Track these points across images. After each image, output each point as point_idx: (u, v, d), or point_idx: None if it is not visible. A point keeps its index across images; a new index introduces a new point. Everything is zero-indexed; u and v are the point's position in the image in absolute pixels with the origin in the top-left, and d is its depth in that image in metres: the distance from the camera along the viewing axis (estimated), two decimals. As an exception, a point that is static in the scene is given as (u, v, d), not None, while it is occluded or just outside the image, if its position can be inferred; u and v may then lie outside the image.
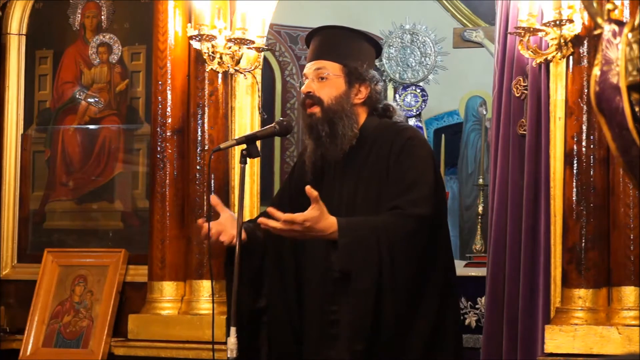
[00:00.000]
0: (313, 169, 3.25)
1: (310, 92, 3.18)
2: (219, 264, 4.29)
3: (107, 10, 4.87)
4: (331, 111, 3.16)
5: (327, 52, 3.23)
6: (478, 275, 5.09)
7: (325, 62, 3.20)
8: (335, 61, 3.20)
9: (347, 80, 3.20)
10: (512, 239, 4.03)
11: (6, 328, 4.79)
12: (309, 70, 3.22)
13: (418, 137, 3.24)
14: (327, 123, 3.15)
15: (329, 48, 3.24)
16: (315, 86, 3.18)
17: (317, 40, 3.29)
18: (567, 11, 3.68)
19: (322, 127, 3.15)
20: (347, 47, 3.25)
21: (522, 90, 4.07)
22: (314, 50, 3.26)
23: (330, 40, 3.26)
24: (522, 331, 3.95)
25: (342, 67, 3.20)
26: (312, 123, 3.17)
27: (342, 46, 3.25)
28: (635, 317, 3.58)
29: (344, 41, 3.27)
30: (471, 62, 7.86)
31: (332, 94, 3.18)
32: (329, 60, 3.20)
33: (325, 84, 3.18)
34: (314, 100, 3.18)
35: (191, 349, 4.22)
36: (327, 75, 3.18)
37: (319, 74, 3.19)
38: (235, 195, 4.33)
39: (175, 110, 4.40)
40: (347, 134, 3.16)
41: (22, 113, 4.99)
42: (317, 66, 3.20)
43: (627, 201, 3.61)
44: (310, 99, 3.18)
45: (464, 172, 8.08)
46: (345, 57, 3.22)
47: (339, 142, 3.15)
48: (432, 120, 8.51)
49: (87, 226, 4.81)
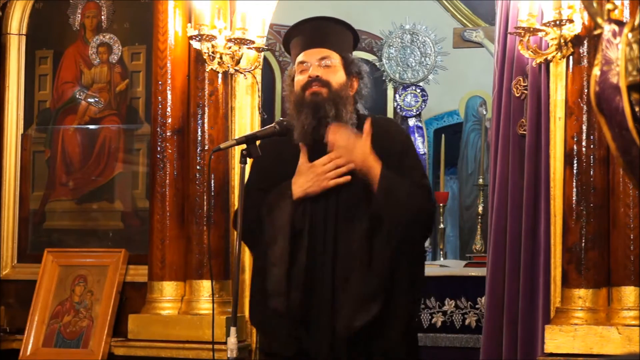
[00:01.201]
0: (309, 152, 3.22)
1: (318, 75, 3.16)
2: (219, 264, 4.31)
3: (107, 10, 4.87)
4: (338, 95, 3.15)
5: (328, 41, 3.22)
6: (478, 275, 5.10)
7: (329, 51, 3.20)
8: (335, 51, 3.21)
9: (346, 72, 3.21)
10: (512, 239, 4.03)
11: (6, 328, 4.79)
12: (310, 58, 3.19)
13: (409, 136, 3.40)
14: (334, 105, 3.14)
15: (328, 37, 3.24)
16: (322, 71, 3.17)
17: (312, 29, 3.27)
18: (567, 11, 3.68)
19: (330, 107, 3.13)
20: (341, 38, 3.27)
21: (522, 90, 4.07)
22: (313, 38, 3.23)
23: (326, 30, 3.26)
24: (522, 331, 3.95)
25: (341, 58, 3.22)
26: (319, 102, 3.13)
27: (339, 37, 3.26)
28: (635, 317, 3.58)
29: (338, 33, 3.28)
30: (471, 62, 7.87)
31: (338, 80, 3.18)
32: (330, 49, 3.21)
33: (331, 70, 3.18)
34: (321, 82, 3.16)
35: (191, 349, 4.22)
36: (332, 63, 3.19)
37: (324, 62, 3.18)
38: (235, 195, 4.33)
39: (175, 110, 4.40)
40: (348, 122, 3.16)
41: (22, 113, 4.99)
42: (322, 55, 3.19)
43: (627, 201, 3.61)
44: (319, 81, 3.16)
45: (464, 172, 8.09)
46: (342, 48, 3.24)
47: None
48: (432, 120, 8.51)
49: (87, 226, 4.81)
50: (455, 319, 5.24)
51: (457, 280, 5.29)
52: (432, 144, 8.26)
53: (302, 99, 3.17)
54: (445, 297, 5.26)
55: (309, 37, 3.25)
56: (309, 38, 3.25)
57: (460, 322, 5.23)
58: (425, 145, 7.61)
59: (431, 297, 5.27)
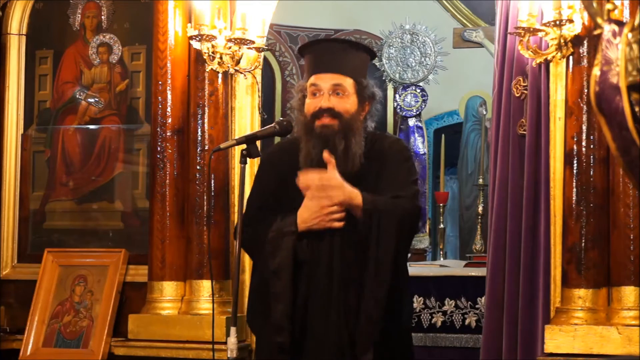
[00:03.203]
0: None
1: (331, 107, 3.13)
2: (219, 264, 4.31)
3: (107, 10, 4.87)
4: (348, 126, 3.14)
5: (342, 66, 3.18)
6: (478, 275, 5.09)
7: (343, 78, 3.15)
8: (350, 76, 3.17)
9: (359, 98, 3.20)
10: (512, 239, 4.03)
11: (6, 328, 4.79)
12: (324, 83, 3.15)
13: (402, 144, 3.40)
14: (344, 139, 3.13)
15: (343, 62, 3.19)
16: (334, 101, 3.15)
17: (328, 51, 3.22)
18: (567, 11, 3.68)
19: (339, 141, 3.12)
20: (356, 62, 3.23)
21: (522, 90, 4.07)
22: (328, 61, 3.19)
23: (342, 55, 3.20)
24: (522, 331, 3.95)
25: (354, 83, 3.18)
26: (329, 135, 3.12)
27: (354, 62, 3.21)
28: (635, 317, 3.58)
29: (353, 56, 3.23)
30: (471, 62, 7.87)
31: (350, 110, 3.16)
32: (345, 75, 3.15)
33: (343, 99, 3.15)
34: (332, 114, 3.14)
35: (191, 349, 4.23)
36: (345, 91, 3.16)
37: (337, 89, 3.15)
38: (235, 195, 4.33)
39: (175, 110, 4.40)
40: (357, 153, 3.15)
41: (22, 113, 4.99)
42: (336, 82, 3.14)
43: (627, 201, 3.61)
44: (330, 113, 3.13)
45: (464, 172, 8.09)
46: (357, 73, 3.20)
47: (350, 160, 3.14)
48: (432, 120, 8.52)
49: (87, 226, 4.81)
50: (455, 319, 5.24)
51: (457, 280, 5.29)
52: (432, 144, 8.26)
53: (312, 128, 3.15)
54: (445, 297, 5.26)
55: (324, 59, 3.20)
56: (324, 60, 3.20)
57: (460, 322, 5.23)
58: (425, 145, 7.61)
59: (431, 297, 5.27)
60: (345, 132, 3.13)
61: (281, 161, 3.26)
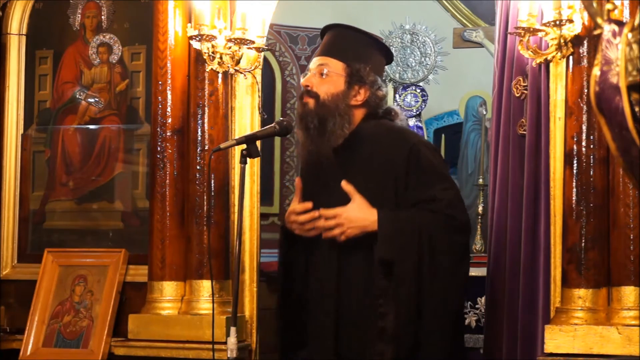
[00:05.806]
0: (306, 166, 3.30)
1: (308, 86, 3.27)
2: (219, 264, 4.31)
3: (107, 10, 4.87)
4: (325, 107, 3.22)
5: (334, 50, 3.28)
6: (478, 275, 5.09)
7: (330, 60, 3.26)
8: (340, 60, 3.25)
9: (347, 81, 3.25)
10: (512, 239, 4.03)
11: (6, 328, 4.78)
12: (313, 65, 3.31)
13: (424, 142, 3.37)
14: (317, 117, 3.22)
15: (337, 46, 3.29)
16: (315, 81, 3.25)
17: (328, 36, 3.38)
18: (567, 11, 3.68)
19: (312, 119, 3.24)
20: (355, 48, 3.29)
21: (522, 90, 4.07)
22: (323, 45, 3.36)
23: (340, 39, 3.32)
24: (522, 331, 3.95)
25: (345, 67, 3.25)
26: (304, 113, 3.26)
27: (351, 46, 3.29)
28: (635, 317, 3.58)
29: (354, 42, 3.32)
30: (471, 62, 7.86)
31: (330, 90, 3.23)
32: (334, 58, 3.27)
33: (325, 80, 3.24)
34: (310, 94, 3.26)
35: (191, 349, 4.22)
36: (329, 72, 3.24)
37: (320, 70, 3.26)
38: (235, 195, 4.33)
39: (175, 110, 4.40)
40: (335, 132, 3.20)
41: (22, 113, 4.99)
42: (321, 62, 3.28)
43: (627, 201, 3.60)
44: (307, 93, 3.27)
45: (464, 172, 8.08)
46: (350, 57, 3.27)
47: (326, 138, 3.20)
48: (432, 120, 8.51)
49: (87, 226, 4.81)
50: (455, 319, 5.23)
51: (457, 280, 5.28)
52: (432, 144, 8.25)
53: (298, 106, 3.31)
54: (445, 297, 5.25)
55: (322, 44, 3.38)
56: (321, 45, 3.38)
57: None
58: (425, 145, 7.60)
59: (431, 297, 5.26)
60: (320, 113, 3.19)
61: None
